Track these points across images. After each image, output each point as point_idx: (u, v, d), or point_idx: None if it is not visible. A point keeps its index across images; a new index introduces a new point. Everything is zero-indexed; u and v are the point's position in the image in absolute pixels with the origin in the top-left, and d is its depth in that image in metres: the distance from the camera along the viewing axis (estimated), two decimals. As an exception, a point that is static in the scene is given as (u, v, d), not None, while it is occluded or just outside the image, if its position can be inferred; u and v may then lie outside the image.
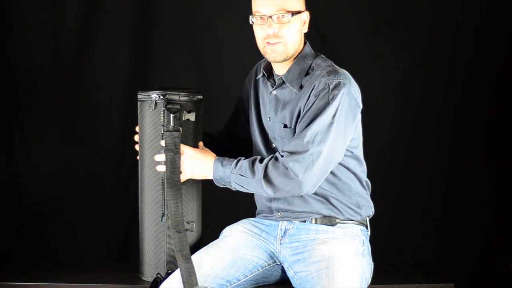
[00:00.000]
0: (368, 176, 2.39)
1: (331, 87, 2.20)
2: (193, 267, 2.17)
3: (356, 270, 2.20)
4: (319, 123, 2.18)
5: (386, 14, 3.41)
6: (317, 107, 2.19)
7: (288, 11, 2.23)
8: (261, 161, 2.23)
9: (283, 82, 2.31)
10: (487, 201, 3.44)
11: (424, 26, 3.39)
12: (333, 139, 2.19)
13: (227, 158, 2.28)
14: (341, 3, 3.41)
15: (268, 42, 2.25)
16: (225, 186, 2.30)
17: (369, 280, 2.30)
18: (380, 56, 3.42)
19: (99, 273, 2.54)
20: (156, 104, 2.28)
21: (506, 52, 3.35)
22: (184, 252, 2.21)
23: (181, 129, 2.29)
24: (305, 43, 2.34)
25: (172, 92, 2.30)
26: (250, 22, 2.28)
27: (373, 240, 2.39)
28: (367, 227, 2.38)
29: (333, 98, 2.19)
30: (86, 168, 3.46)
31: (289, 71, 2.30)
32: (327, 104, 2.19)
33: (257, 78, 2.43)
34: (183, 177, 2.30)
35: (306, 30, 2.31)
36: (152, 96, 2.30)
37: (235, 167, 2.25)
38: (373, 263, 2.35)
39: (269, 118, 2.36)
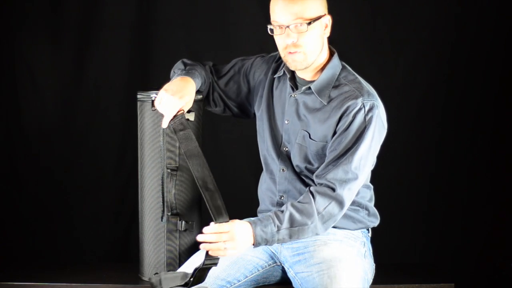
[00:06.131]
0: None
1: (366, 108, 2.20)
2: (227, 216, 2.11)
3: (358, 271, 2.20)
4: (363, 148, 2.19)
5: (386, 14, 3.41)
6: (356, 129, 2.19)
7: (306, 19, 2.19)
8: (304, 207, 2.16)
9: (309, 89, 2.27)
10: (488, 201, 3.44)
11: (424, 26, 3.39)
12: (369, 161, 2.23)
13: (259, 219, 2.15)
14: (341, 3, 3.40)
15: (289, 52, 2.21)
16: (266, 245, 2.20)
17: (371, 281, 2.29)
18: (380, 56, 3.42)
19: (99, 273, 2.54)
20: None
21: (506, 51, 3.35)
22: (216, 205, 2.11)
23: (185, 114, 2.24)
24: (333, 52, 2.30)
25: (172, 92, 2.30)
26: (269, 32, 2.23)
27: (373, 240, 2.39)
28: (367, 229, 2.37)
29: (369, 121, 2.19)
30: (86, 168, 3.46)
31: (318, 81, 2.26)
32: (364, 127, 2.19)
33: (275, 76, 2.38)
34: (223, 254, 2.11)
35: (328, 35, 2.25)
36: (152, 96, 2.30)
37: (281, 223, 2.15)
38: (374, 264, 2.35)
39: (287, 121, 2.33)
